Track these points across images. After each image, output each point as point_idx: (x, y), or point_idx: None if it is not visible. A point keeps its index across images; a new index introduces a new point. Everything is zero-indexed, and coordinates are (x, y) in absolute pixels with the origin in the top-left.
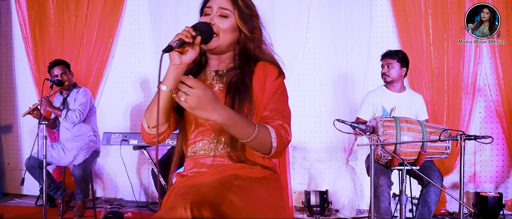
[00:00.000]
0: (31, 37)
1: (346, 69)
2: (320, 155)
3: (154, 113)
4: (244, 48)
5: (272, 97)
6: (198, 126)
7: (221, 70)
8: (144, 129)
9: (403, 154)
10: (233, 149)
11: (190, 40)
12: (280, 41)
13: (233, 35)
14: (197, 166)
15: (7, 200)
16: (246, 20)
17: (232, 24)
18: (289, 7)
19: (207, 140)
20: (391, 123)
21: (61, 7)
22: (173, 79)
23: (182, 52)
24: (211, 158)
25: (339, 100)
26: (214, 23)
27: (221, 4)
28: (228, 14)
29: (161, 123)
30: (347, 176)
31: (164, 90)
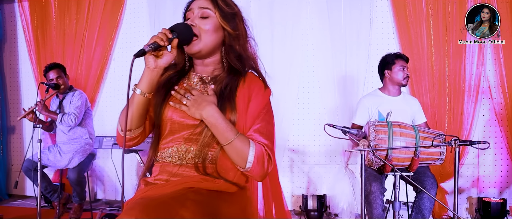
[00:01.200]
0: (34, 40)
1: (346, 71)
2: (319, 159)
3: (128, 117)
4: (226, 50)
5: (257, 116)
6: (171, 133)
7: (205, 77)
8: (118, 132)
9: (395, 159)
10: (202, 160)
11: (165, 43)
12: (279, 43)
13: (216, 36)
14: (162, 173)
15: (10, 201)
16: (228, 18)
17: (214, 24)
18: (288, 8)
19: (177, 148)
20: (383, 128)
21: (62, 10)
22: (147, 83)
23: (158, 55)
24: (177, 166)
25: (338, 103)
26: (196, 25)
27: (201, 4)
28: (209, 13)
29: (136, 127)
30: (346, 180)
31: (138, 94)
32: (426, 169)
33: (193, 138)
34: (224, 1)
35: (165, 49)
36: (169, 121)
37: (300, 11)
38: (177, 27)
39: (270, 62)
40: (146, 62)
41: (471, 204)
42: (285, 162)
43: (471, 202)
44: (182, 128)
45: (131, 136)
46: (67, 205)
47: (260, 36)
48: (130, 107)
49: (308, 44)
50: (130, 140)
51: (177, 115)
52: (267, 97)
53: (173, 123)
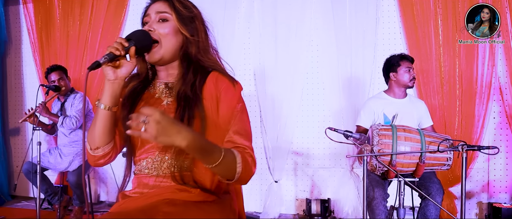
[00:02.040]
0: (38, 41)
1: (351, 73)
2: (324, 162)
3: (95, 133)
4: (185, 54)
5: (232, 117)
6: (144, 144)
7: (171, 82)
8: (87, 151)
9: (400, 165)
10: (178, 169)
11: (121, 52)
12: (283, 44)
13: (176, 40)
14: (140, 186)
15: (14, 203)
16: (185, 21)
17: (173, 27)
18: (292, 8)
19: (151, 159)
20: (387, 132)
21: (66, 12)
22: (109, 96)
23: (116, 66)
24: (154, 178)
25: (343, 105)
26: (154, 29)
27: (158, 8)
28: (167, 16)
29: (104, 143)
30: (351, 184)
31: (102, 109)
32: (432, 174)
33: (167, 146)
34: (182, 4)
35: (123, 59)
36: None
37: (305, 11)
38: (134, 35)
39: (274, 63)
40: (105, 74)
41: (481, 210)
42: (289, 165)
43: (481, 207)
44: None
45: (101, 154)
46: (68, 208)
47: (263, 37)
48: (96, 123)
49: (312, 45)
50: (101, 158)
51: None
52: (238, 93)
53: None
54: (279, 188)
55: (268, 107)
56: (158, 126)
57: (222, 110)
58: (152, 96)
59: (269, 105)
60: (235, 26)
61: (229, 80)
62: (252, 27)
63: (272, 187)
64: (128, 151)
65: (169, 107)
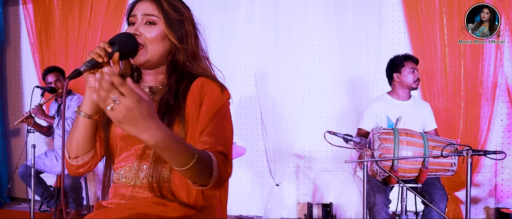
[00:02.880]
0: (37, 42)
1: (354, 74)
2: (326, 165)
3: (74, 142)
4: (173, 60)
5: (210, 120)
6: (122, 151)
7: (156, 86)
8: (66, 158)
9: (402, 170)
10: (156, 180)
11: (104, 59)
12: (284, 45)
13: (163, 45)
14: (116, 196)
15: (14, 205)
16: (174, 26)
17: (161, 32)
18: (293, 8)
19: (129, 167)
20: (388, 136)
21: (65, 12)
22: (90, 104)
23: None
24: (131, 188)
25: (346, 107)
26: (140, 33)
27: (146, 10)
28: (155, 20)
29: (84, 153)
30: (354, 188)
31: (82, 117)
32: (435, 180)
33: (145, 154)
34: (171, 5)
35: (107, 65)
36: (118, 138)
37: (306, 11)
38: (118, 39)
39: (275, 64)
40: (86, 81)
41: (488, 215)
42: (290, 168)
43: (488, 212)
44: (133, 142)
45: (80, 163)
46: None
47: (264, 37)
48: (75, 131)
49: (314, 46)
50: (81, 167)
51: None
52: (224, 100)
53: (123, 139)
54: (280, 192)
55: (269, 109)
56: (127, 113)
57: (202, 111)
58: None
59: (270, 107)
60: (235, 27)
61: (216, 84)
62: (253, 28)
63: (273, 190)
64: (107, 159)
65: None
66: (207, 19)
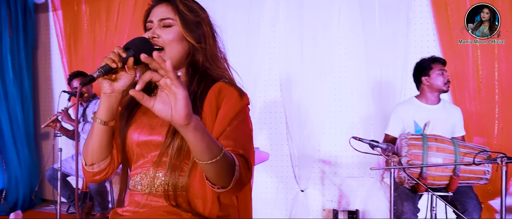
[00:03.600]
0: (66, 47)
1: (381, 77)
2: (352, 171)
3: (90, 149)
4: (192, 61)
5: (228, 124)
6: (139, 158)
7: None
8: (82, 165)
9: (431, 178)
10: (173, 188)
11: (118, 64)
12: (309, 48)
13: (181, 47)
14: (131, 204)
15: (43, 206)
16: (191, 27)
17: (178, 34)
18: (318, 11)
19: (144, 174)
20: (417, 142)
21: (93, 18)
22: (106, 110)
23: (113, 78)
24: (146, 196)
25: (373, 111)
26: (158, 36)
27: (161, 14)
28: (171, 22)
29: (100, 160)
30: (381, 195)
31: (98, 124)
32: (468, 189)
33: (161, 162)
34: (187, 7)
35: (121, 70)
36: (134, 144)
37: (332, 13)
38: (133, 43)
39: (300, 68)
40: (101, 87)
41: None
42: (315, 174)
43: None
44: (150, 149)
45: (96, 170)
46: (91, 213)
47: (289, 40)
48: (91, 138)
49: (340, 48)
50: (97, 174)
51: (143, 134)
52: (242, 105)
53: (139, 146)
54: (305, 198)
55: (294, 114)
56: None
57: (219, 116)
58: None
59: (295, 111)
60: (260, 31)
61: (235, 89)
62: (277, 31)
63: (298, 196)
64: (123, 165)
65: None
66: (231, 22)
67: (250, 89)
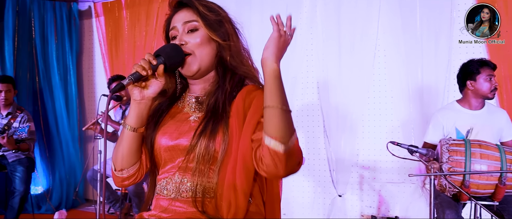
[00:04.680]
0: (108, 52)
1: (422, 80)
2: (392, 176)
3: (119, 155)
4: (220, 61)
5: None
6: (166, 163)
7: (201, 97)
8: (112, 170)
9: (474, 186)
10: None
11: (148, 72)
12: (347, 48)
13: (210, 48)
14: (156, 208)
15: (85, 206)
16: (214, 26)
17: (204, 36)
18: (356, 10)
19: (170, 179)
20: (459, 148)
21: (133, 23)
22: (136, 117)
23: (143, 86)
24: (170, 201)
25: (413, 115)
26: (186, 42)
27: (184, 18)
28: (195, 25)
29: (129, 165)
30: (422, 202)
31: (127, 130)
32: None
33: (188, 167)
34: (207, 7)
35: (152, 77)
36: (162, 149)
37: (370, 14)
38: (163, 50)
39: (338, 70)
40: (131, 94)
41: None
42: (353, 179)
43: None
44: (177, 154)
45: (125, 176)
46: (130, 214)
47: (326, 43)
48: (121, 144)
49: (379, 50)
50: (126, 179)
51: (170, 140)
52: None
53: (167, 151)
54: (343, 203)
55: (331, 117)
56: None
57: (247, 117)
58: (179, 111)
59: (333, 115)
60: (297, 32)
61: (262, 90)
62: (315, 33)
63: (335, 201)
64: (151, 170)
65: (195, 122)
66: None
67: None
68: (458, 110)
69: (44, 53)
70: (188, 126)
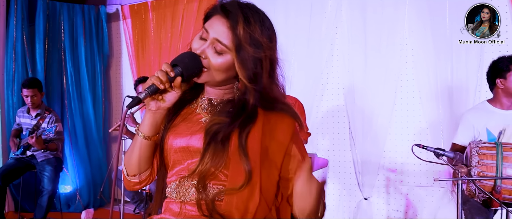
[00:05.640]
0: (135, 54)
1: (452, 80)
2: (420, 179)
3: (132, 160)
4: (242, 98)
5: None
6: (175, 165)
7: (215, 99)
8: (123, 174)
9: (507, 192)
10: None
11: (165, 85)
12: (373, 48)
13: (228, 74)
14: (166, 211)
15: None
16: (247, 65)
17: (227, 63)
18: (383, 8)
19: (179, 182)
20: (490, 151)
21: (159, 25)
22: (149, 126)
23: (160, 98)
24: (180, 204)
25: (443, 116)
26: (205, 57)
27: (218, 34)
28: (224, 50)
29: (142, 171)
30: (452, 206)
31: (141, 138)
32: None
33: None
34: (251, 38)
35: (169, 89)
36: (172, 151)
37: (398, 12)
38: (182, 61)
39: (363, 71)
40: (146, 105)
41: None
42: (380, 181)
43: None
44: (187, 156)
45: (137, 181)
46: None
47: (351, 41)
48: (133, 151)
49: (406, 49)
50: (137, 184)
51: (181, 141)
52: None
53: (176, 152)
54: (369, 206)
55: (357, 118)
56: None
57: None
58: (191, 112)
59: (358, 116)
60: (321, 33)
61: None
62: (340, 33)
63: (361, 204)
64: (161, 172)
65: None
66: (292, 25)
67: (312, 93)
68: (489, 110)
69: (73, 55)
70: (199, 127)
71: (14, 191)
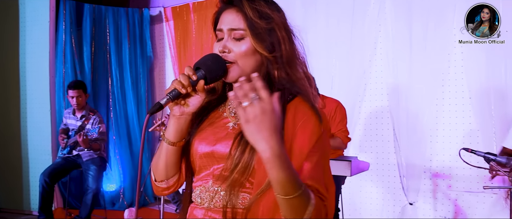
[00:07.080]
0: (177, 55)
1: (505, 79)
2: (470, 185)
3: (159, 166)
4: (267, 73)
5: (306, 159)
6: (201, 170)
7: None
8: (152, 180)
9: None
10: (231, 204)
11: (188, 89)
12: (418, 46)
13: (255, 58)
14: (190, 216)
15: (156, 204)
16: (262, 37)
17: (250, 45)
18: (429, 6)
19: (204, 187)
20: None
21: (200, 26)
22: (174, 132)
23: (183, 103)
24: (204, 210)
25: (495, 118)
26: (229, 50)
27: (231, 23)
28: (242, 34)
29: (169, 177)
30: (505, 215)
31: (166, 144)
32: None
33: (222, 176)
34: (258, 13)
35: (192, 93)
36: (198, 156)
37: (445, 7)
38: (204, 63)
39: (408, 71)
40: (170, 109)
41: None
42: (426, 186)
43: None
44: (212, 162)
45: (165, 186)
46: None
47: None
48: (160, 157)
49: (455, 47)
50: (165, 190)
51: (206, 146)
52: (321, 132)
53: (202, 157)
54: (414, 212)
55: (401, 120)
56: (259, 115)
57: (295, 148)
58: (219, 115)
59: (403, 117)
60: (364, 31)
61: (313, 112)
62: (384, 31)
63: (406, 209)
64: (187, 179)
65: (233, 130)
66: (334, 23)
67: (355, 93)
68: None
69: (118, 57)
70: (225, 133)
71: (62, 189)
